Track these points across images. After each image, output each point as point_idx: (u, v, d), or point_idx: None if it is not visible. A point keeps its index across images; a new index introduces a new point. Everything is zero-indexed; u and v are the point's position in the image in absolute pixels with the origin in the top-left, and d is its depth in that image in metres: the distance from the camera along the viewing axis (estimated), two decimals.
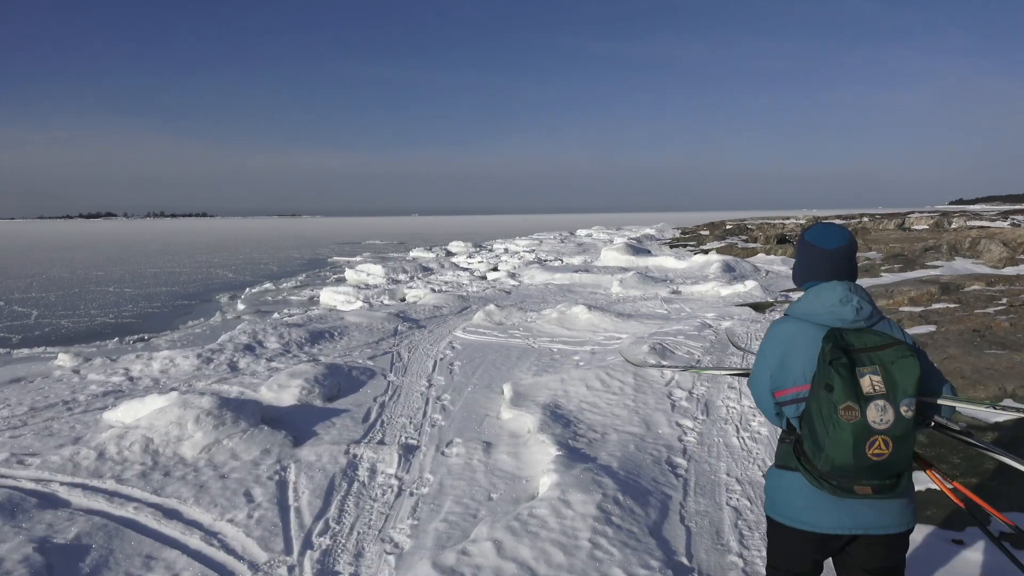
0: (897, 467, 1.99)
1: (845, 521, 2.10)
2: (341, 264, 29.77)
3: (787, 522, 2.23)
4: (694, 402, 6.02)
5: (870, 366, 1.96)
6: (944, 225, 26.79)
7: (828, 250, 2.27)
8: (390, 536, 3.85)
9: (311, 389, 6.42)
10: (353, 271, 22.03)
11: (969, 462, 4.26)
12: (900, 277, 12.34)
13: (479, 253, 30.99)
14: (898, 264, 13.74)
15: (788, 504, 2.22)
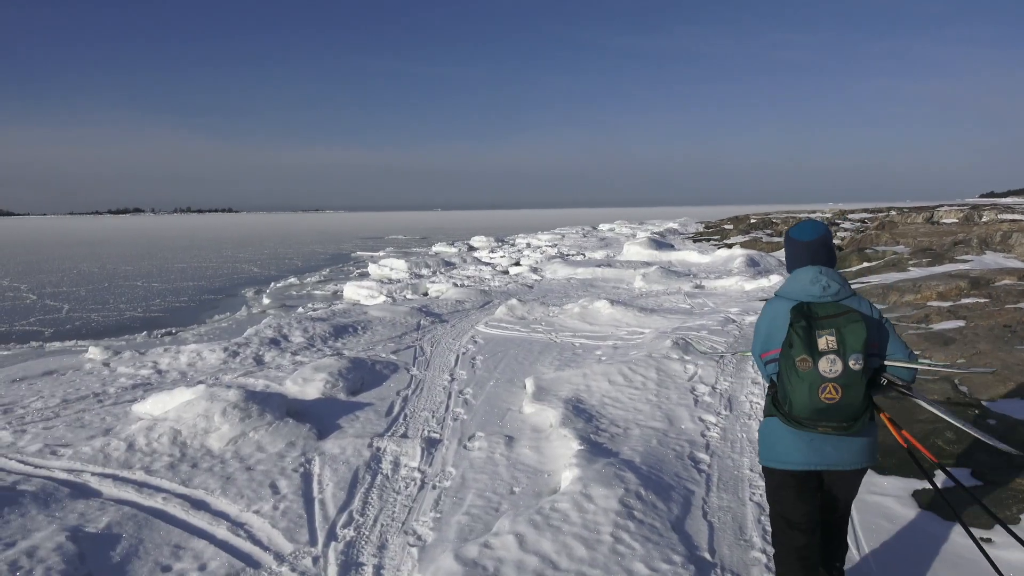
0: (849, 411, 2.50)
1: (812, 458, 2.65)
2: (364, 259, 29.97)
3: (772, 464, 2.78)
4: (717, 397, 5.99)
5: (827, 329, 2.50)
6: (974, 218, 26.27)
7: (805, 242, 2.84)
8: (413, 528, 3.89)
9: (335, 383, 6.49)
10: (376, 266, 22.17)
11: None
12: (928, 271, 12.14)
13: (501, 248, 31.01)
14: (926, 258, 13.51)
15: (771, 447, 2.78)
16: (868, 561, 3.39)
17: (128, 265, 29.47)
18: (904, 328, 7.65)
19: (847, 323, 2.49)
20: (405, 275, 20.24)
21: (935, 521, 3.70)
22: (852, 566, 3.35)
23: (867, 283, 11.84)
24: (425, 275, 19.86)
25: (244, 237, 59.52)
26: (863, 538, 3.59)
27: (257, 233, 69.63)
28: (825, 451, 2.63)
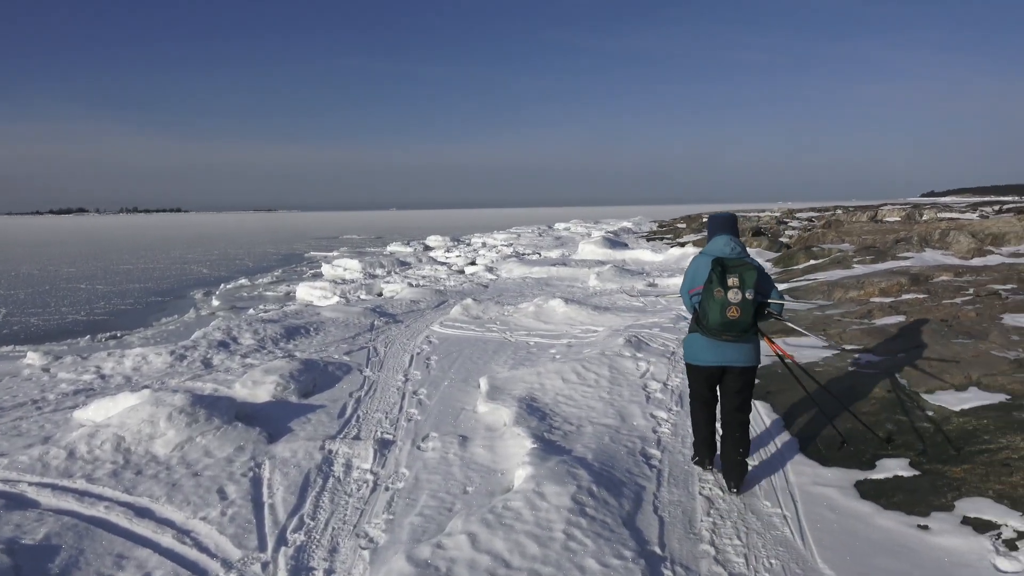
0: (743, 325, 3.97)
1: (718, 357, 4.11)
2: (317, 259, 29.56)
3: (693, 361, 4.27)
4: (669, 393, 6.08)
5: (734, 274, 3.95)
6: (915, 217, 27.21)
7: (720, 221, 4.38)
8: (365, 531, 3.85)
9: (286, 385, 6.39)
10: (330, 266, 21.90)
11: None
12: (872, 268, 12.52)
13: (457, 247, 30.92)
14: (870, 256, 13.93)
15: (692, 352, 4.25)
16: (811, 550, 3.48)
17: (71, 267, 28.52)
18: (848, 323, 7.88)
19: (746, 270, 3.97)
20: (359, 275, 20.03)
21: (876, 510, 3.82)
22: (794, 556, 3.44)
23: (814, 280, 12.15)
24: (380, 275, 19.69)
25: (193, 237, 58.15)
26: (807, 529, 3.69)
27: (207, 233, 68.10)
28: (726, 353, 4.10)
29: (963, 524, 3.55)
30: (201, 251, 38.71)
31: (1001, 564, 3.19)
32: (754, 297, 3.93)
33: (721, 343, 4.05)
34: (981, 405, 4.89)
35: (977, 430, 4.47)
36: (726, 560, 3.44)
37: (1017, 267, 10.97)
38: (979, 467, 4.01)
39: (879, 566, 3.29)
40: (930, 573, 3.20)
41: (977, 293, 8.72)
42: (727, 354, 4.07)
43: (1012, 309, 7.57)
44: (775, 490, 4.17)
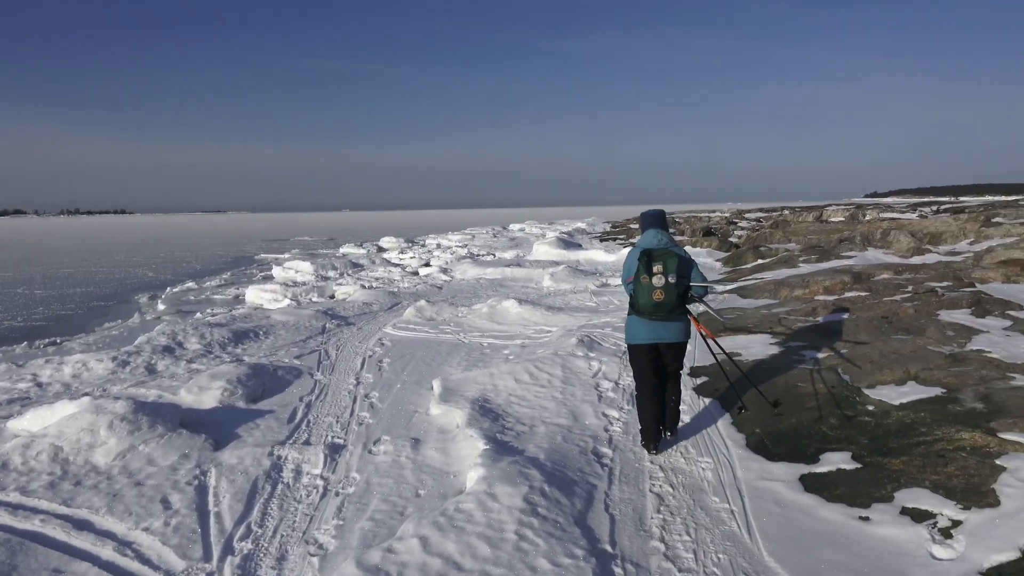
0: (668, 306, 4.51)
1: (652, 335, 4.65)
2: (268, 261, 29.01)
3: (631, 341, 4.80)
4: (620, 392, 6.14)
5: (658, 262, 4.48)
6: (859, 217, 28.03)
7: (650, 217, 4.97)
8: (314, 537, 3.79)
9: (234, 390, 6.25)
10: (281, 268, 21.52)
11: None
12: (816, 267, 12.86)
13: (411, 248, 30.72)
14: (815, 255, 14.30)
15: (631, 332, 4.78)
16: (758, 544, 3.55)
17: (6, 271, 27.42)
18: (794, 321, 8.07)
19: (669, 258, 4.50)
20: (311, 277, 19.74)
21: (820, 503, 3.91)
22: (742, 550, 3.50)
23: (761, 279, 12.42)
24: (332, 277, 19.44)
25: (138, 240, 56.51)
26: (754, 523, 3.76)
27: (153, 235, 66.26)
28: (658, 331, 4.65)
29: (902, 514, 3.66)
30: (147, 254, 37.65)
31: (937, 552, 3.30)
32: (677, 281, 4.49)
33: (653, 323, 4.62)
34: (919, 399, 5.06)
35: (915, 423, 4.62)
36: (675, 556, 3.48)
37: (953, 265, 11.40)
38: (917, 459, 4.14)
39: (822, 557, 3.37)
40: (870, 563, 3.29)
41: (915, 291, 9.03)
42: (659, 332, 4.64)
43: (948, 306, 7.86)
44: (723, 486, 4.25)
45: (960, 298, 8.11)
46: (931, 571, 3.16)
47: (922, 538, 3.42)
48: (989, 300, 8.01)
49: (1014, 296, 8.29)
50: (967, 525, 3.44)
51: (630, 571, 3.35)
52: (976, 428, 4.30)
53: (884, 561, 3.29)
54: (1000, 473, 3.80)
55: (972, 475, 3.84)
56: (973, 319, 7.25)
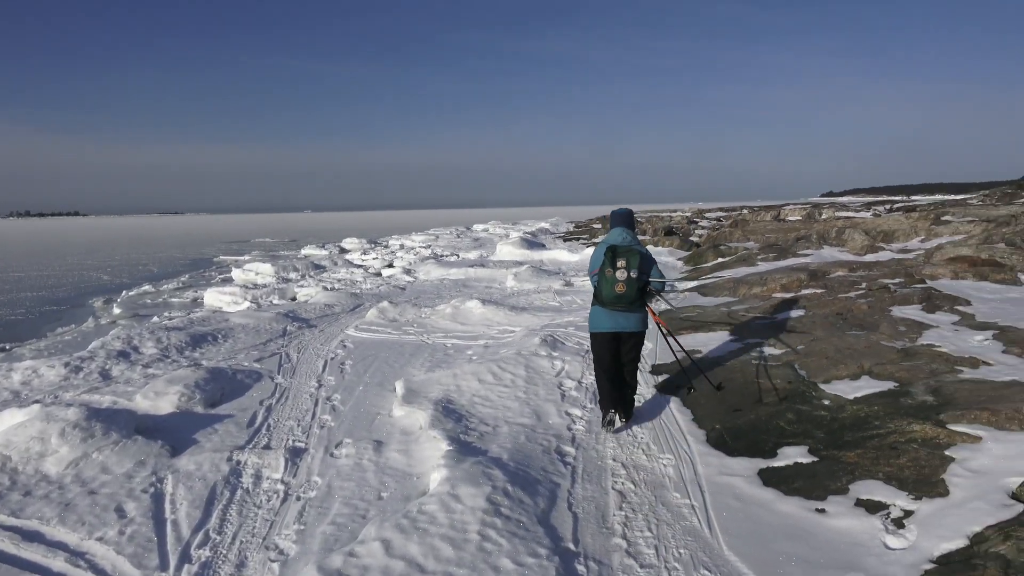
0: (629, 298, 4.97)
1: (613, 325, 5.10)
2: (228, 263, 28.49)
3: (593, 329, 5.25)
4: (583, 391, 6.17)
5: (622, 258, 4.95)
6: (815, 216, 28.63)
7: (617, 215, 5.40)
8: (275, 543, 3.74)
9: (191, 395, 6.13)
10: (240, 270, 21.16)
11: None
12: (774, 265, 13.09)
13: (374, 249, 30.47)
14: (773, 253, 14.57)
15: (593, 321, 5.24)
16: (718, 538, 3.60)
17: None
18: (752, 318, 8.21)
19: (632, 255, 4.98)
20: (272, 280, 19.45)
21: (778, 496, 3.99)
22: (702, 544, 3.55)
23: (721, 277, 12.61)
24: (293, 279, 19.18)
25: (93, 242, 55.04)
26: (714, 518, 3.82)
27: (108, 238, 64.61)
28: (618, 321, 5.10)
29: (856, 506, 3.75)
30: (101, 257, 36.69)
31: (890, 542, 3.39)
32: (638, 276, 4.97)
33: (614, 313, 5.09)
34: (872, 393, 5.19)
35: (868, 416, 4.73)
36: (637, 552, 3.52)
37: (904, 262, 11.71)
38: (871, 451, 4.25)
39: (780, 550, 3.44)
40: (827, 555, 3.37)
41: (869, 287, 9.25)
42: (619, 322, 5.10)
43: (900, 302, 8.07)
44: (684, 482, 4.30)
45: (911, 294, 8.34)
46: (884, 561, 3.25)
47: (876, 529, 3.51)
48: (939, 296, 8.24)
49: (962, 292, 8.55)
50: (918, 515, 3.54)
51: (593, 568, 3.38)
52: (927, 420, 4.42)
53: (839, 552, 3.37)
54: (949, 464, 3.91)
55: (923, 466, 3.95)
56: (924, 314, 7.45)
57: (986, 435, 4.12)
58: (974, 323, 6.96)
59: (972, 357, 5.70)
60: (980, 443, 4.05)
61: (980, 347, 6.05)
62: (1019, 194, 30.85)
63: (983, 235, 13.23)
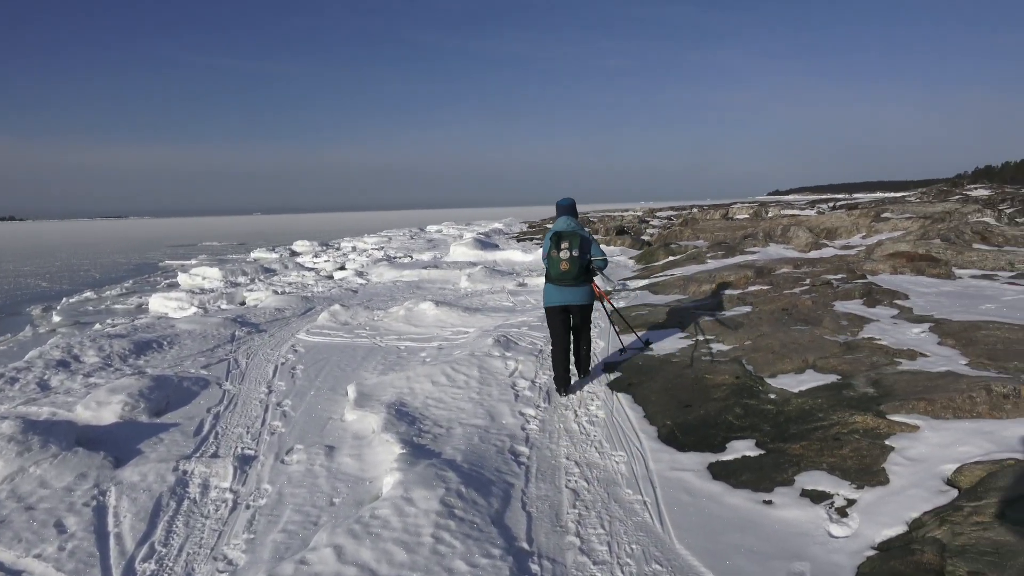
0: (573, 274, 5.81)
1: (562, 299, 5.93)
2: (173, 268, 27.78)
3: (546, 304, 6.06)
4: (536, 391, 6.20)
5: (566, 241, 5.80)
6: (762, 214, 29.29)
7: (561, 205, 6.18)
8: (223, 553, 3.66)
9: (135, 404, 5.95)
10: (187, 275, 20.63)
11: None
12: (723, 263, 13.36)
13: (326, 252, 30.05)
14: (721, 251, 14.86)
15: (546, 297, 6.04)
16: (669, 533, 3.65)
17: None
18: (701, 315, 8.36)
19: (574, 237, 5.82)
20: (220, 284, 19.01)
21: (727, 490, 4.07)
22: (654, 539, 3.60)
23: (671, 275, 12.80)
24: (242, 283, 18.79)
25: (31, 248, 52.98)
26: (665, 512, 3.87)
27: (47, 243, 62.27)
28: (566, 295, 5.94)
29: (802, 496, 3.85)
30: (40, 262, 35.35)
31: (834, 530, 3.49)
32: (580, 255, 5.82)
33: (562, 288, 5.94)
34: (816, 386, 5.34)
35: (813, 409, 4.86)
36: (591, 549, 3.55)
37: (847, 258, 12.07)
38: (815, 443, 4.36)
39: (729, 542, 3.51)
40: (774, 544, 3.45)
41: (813, 283, 9.51)
42: (567, 296, 5.96)
43: (842, 297, 8.32)
44: (636, 478, 4.35)
45: (853, 289, 8.60)
46: (828, 549, 3.34)
47: (820, 518, 3.61)
48: (879, 290, 8.52)
49: (900, 286, 8.85)
50: (860, 503, 3.65)
51: (547, 567, 3.39)
52: (868, 412, 4.56)
53: (786, 542, 3.46)
54: (889, 453, 4.05)
55: (864, 456, 4.08)
56: (865, 309, 7.70)
57: (923, 424, 4.27)
58: (912, 316, 7.22)
59: (910, 349, 5.91)
60: (918, 432, 4.21)
61: (917, 339, 6.27)
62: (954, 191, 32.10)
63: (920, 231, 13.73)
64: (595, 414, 5.56)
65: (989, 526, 3.04)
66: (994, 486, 3.37)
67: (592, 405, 5.76)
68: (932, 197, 28.58)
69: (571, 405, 5.80)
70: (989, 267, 10.35)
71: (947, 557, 2.95)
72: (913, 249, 11.28)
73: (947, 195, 28.84)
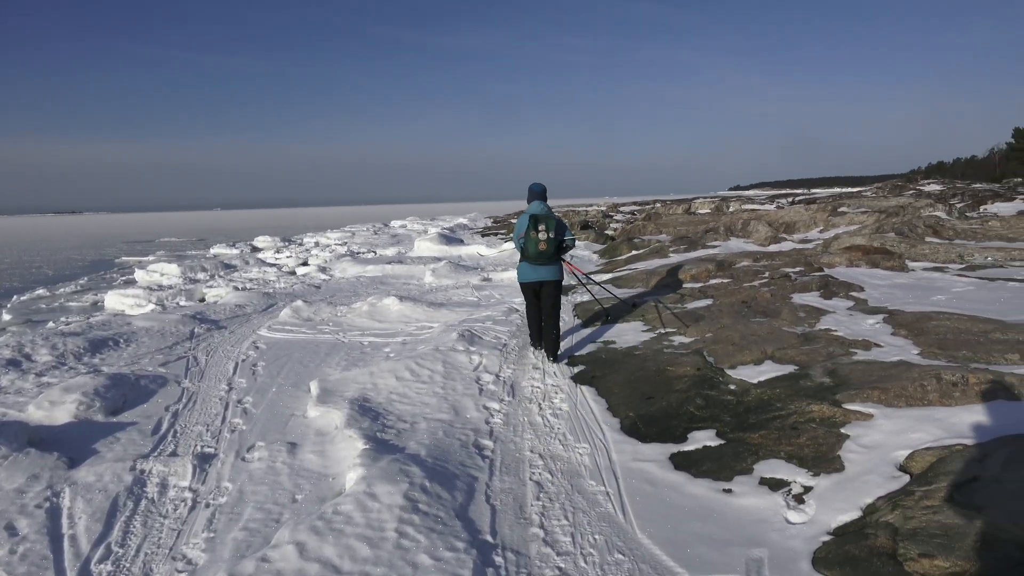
0: (549, 253, 6.61)
1: (536, 276, 6.73)
2: (131, 264, 27.13)
3: (521, 280, 6.89)
4: (501, 384, 6.21)
5: (543, 223, 6.54)
6: (723, 209, 29.68)
7: (534, 190, 6.90)
8: (182, 553, 3.60)
9: (90, 403, 5.81)
10: (144, 271, 20.19)
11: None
12: (685, 256, 13.53)
13: (288, 247, 29.64)
14: (684, 245, 15.04)
15: (521, 274, 6.87)
16: (632, 523, 3.70)
17: None
18: (664, 308, 8.46)
19: (549, 220, 6.54)
20: (178, 280, 18.64)
21: (688, 479, 4.13)
22: (616, 529, 3.64)
23: (635, 269, 12.92)
24: (202, 279, 18.45)
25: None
26: (628, 503, 3.92)
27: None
28: (540, 272, 6.68)
29: (760, 484, 3.93)
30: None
31: (791, 517, 3.57)
32: (555, 236, 6.65)
33: (537, 266, 6.75)
34: (775, 376, 5.45)
35: (771, 399, 4.96)
36: (554, 541, 3.57)
37: (804, 252, 12.32)
38: (773, 432, 4.45)
39: (690, 530, 3.56)
40: (733, 532, 3.51)
41: (772, 276, 9.69)
42: (541, 273, 6.76)
43: (799, 289, 8.49)
44: (599, 469, 4.39)
45: (810, 282, 8.78)
46: (786, 535, 3.42)
47: (778, 505, 3.69)
48: (835, 283, 8.71)
49: (855, 278, 9.07)
50: (817, 490, 3.74)
51: (510, 559, 3.41)
52: (824, 401, 4.67)
53: (745, 529, 3.53)
54: (844, 441, 4.15)
55: (821, 444, 4.18)
56: (821, 301, 7.87)
57: (877, 412, 4.39)
58: (867, 308, 7.40)
59: (865, 340, 6.06)
60: (872, 420, 4.32)
61: (872, 330, 6.44)
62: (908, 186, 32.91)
63: (875, 225, 14.07)
64: (559, 407, 5.59)
65: (939, 510, 3.14)
66: (943, 471, 3.48)
67: (556, 398, 5.79)
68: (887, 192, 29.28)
69: (535, 398, 5.83)
70: (940, 260, 10.66)
71: (899, 540, 3.03)
72: (868, 243, 11.56)
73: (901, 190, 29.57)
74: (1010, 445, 3.58)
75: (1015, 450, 3.49)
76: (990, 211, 17.24)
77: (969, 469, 3.42)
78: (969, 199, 21.08)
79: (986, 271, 9.46)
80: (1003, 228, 13.06)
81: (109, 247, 42.89)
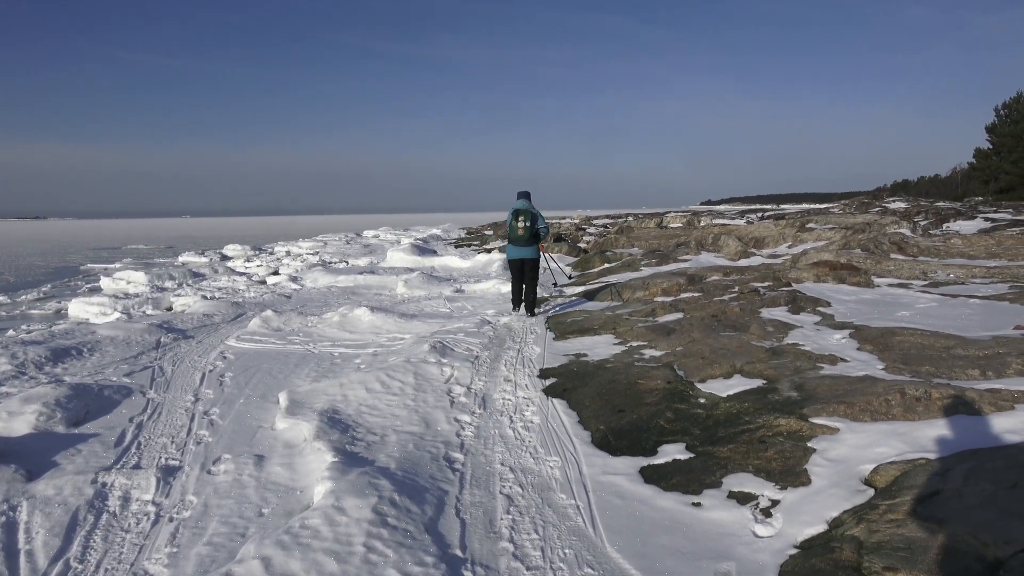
0: (525, 238, 9.66)
1: (519, 254, 9.79)
2: (96, 272, 26.61)
3: (509, 257, 9.95)
4: (472, 397, 6.19)
5: (522, 215, 9.62)
6: (694, 223, 30.02)
7: (520, 193, 9.98)
8: (144, 568, 3.52)
9: (51, 414, 5.67)
10: (110, 279, 19.81)
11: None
12: (656, 270, 13.65)
13: (258, 256, 29.34)
14: (655, 259, 15.18)
15: (509, 253, 9.94)
16: (601, 536, 3.70)
17: None
18: (635, 322, 8.52)
19: (527, 214, 9.58)
20: (145, 289, 18.34)
21: (657, 493, 4.15)
22: (586, 543, 3.64)
23: (606, 283, 13.00)
24: (169, 288, 18.17)
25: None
26: (598, 516, 3.92)
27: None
28: (522, 252, 9.72)
29: (729, 498, 3.96)
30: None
31: (759, 530, 3.60)
32: (531, 224, 9.52)
33: (519, 247, 9.66)
34: (743, 390, 5.51)
35: (740, 413, 5.01)
36: (524, 555, 3.56)
37: (773, 267, 12.49)
38: (742, 446, 4.50)
39: (659, 544, 3.57)
40: (701, 545, 3.53)
41: (741, 291, 9.81)
42: (522, 252, 9.68)
43: (768, 304, 8.61)
44: (570, 483, 4.39)
45: (779, 297, 8.91)
46: (753, 549, 3.44)
47: (746, 519, 3.72)
48: (803, 298, 8.85)
49: (822, 294, 9.22)
50: (784, 504, 3.78)
51: (480, 573, 3.39)
52: (791, 415, 4.73)
53: (713, 542, 3.55)
54: (811, 455, 4.20)
55: (788, 458, 4.23)
56: (789, 315, 7.98)
57: (843, 426, 4.45)
58: (833, 323, 7.52)
59: (831, 354, 6.16)
60: (837, 434, 4.38)
61: (838, 345, 6.54)
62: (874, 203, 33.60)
63: (842, 241, 14.33)
64: (530, 420, 5.59)
65: (903, 523, 3.19)
66: (907, 484, 3.54)
67: (527, 411, 5.78)
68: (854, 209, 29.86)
69: (506, 411, 5.81)
70: (905, 276, 10.89)
71: (864, 554, 3.07)
72: (835, 258, 11.76)
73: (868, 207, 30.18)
74: (971, 459, 3.65)
75: (976, 464, 3.56)
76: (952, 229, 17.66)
77: (932, 483, 3.48)
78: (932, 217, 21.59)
79: (948, 288, 9.69)
80: (965, 246, 13.39)
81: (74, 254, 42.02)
